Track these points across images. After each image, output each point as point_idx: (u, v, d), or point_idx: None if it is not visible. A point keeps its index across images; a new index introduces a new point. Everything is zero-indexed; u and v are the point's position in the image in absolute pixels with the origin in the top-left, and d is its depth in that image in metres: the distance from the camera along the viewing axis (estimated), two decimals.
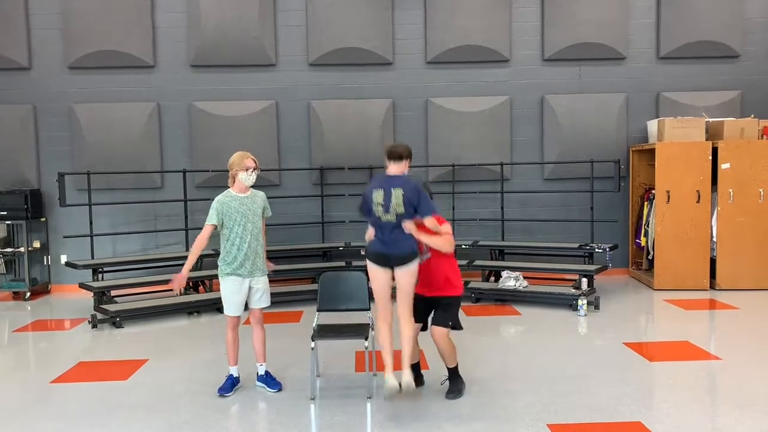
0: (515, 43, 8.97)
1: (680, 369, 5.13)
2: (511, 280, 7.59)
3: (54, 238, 8.74)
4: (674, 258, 7.97)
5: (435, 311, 4.52)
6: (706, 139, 8.05)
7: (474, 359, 5.36)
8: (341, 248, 8.41)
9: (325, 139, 8.81)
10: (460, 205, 8.88)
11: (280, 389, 4.79)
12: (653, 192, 8.24)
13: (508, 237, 8.92)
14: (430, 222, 4.28)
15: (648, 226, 8.46)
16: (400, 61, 8.92)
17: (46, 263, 8.75)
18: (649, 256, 8.55)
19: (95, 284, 7.34)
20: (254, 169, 4.71)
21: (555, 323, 6.65)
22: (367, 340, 4.63)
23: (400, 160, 4.36)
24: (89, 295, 7.46)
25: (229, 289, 4.71)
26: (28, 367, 5.62)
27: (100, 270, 7.70)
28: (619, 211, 9.02)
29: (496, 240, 8.78)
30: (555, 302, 7.35)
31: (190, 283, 7.88)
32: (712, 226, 7.99)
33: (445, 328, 4.48)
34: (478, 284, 7.89)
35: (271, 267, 4.94)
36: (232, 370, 4.82)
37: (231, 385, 4.78)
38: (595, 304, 7.16)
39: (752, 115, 8.49)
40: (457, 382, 4.63)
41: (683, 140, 7.97)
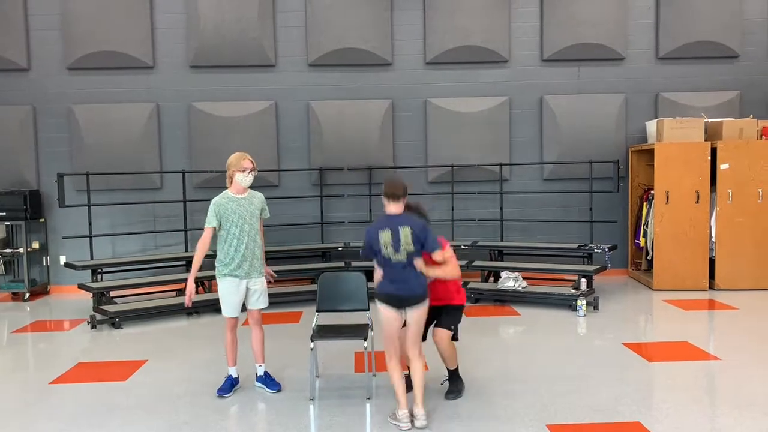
0: (514, 44, 8.97)
1: (679, 369, 5.13)
2: (510, 281, 7.59)
3: (53, 239, 8.73)
4: (673, 258, 7.98)
5: (440, 316, 4.53)
6: (705, 140, 8.06)
7: (473, 360, 5.37)
8: (340, 249, 8.41)
9: (324, 139, 8.81)
10: (459, 206, 8.89)
11: (280, 390, 4.79)
12: (652, 192, 8.24)
13: (508, 237, 8.93)
14: (439, 255, 4.25)
15: (647, 227, 8.47)
16: (400, 61, 8.92)
17: (45, 264, 8.75)
18: (648, 257, 8.56)
19: (94, 285, 7.34)
20: (251, 170, 4.70)
21: (554, 324, 6.65)
22: (366, 340, 4.63)
23: (399, 200, 4.22)
24: (88, 296, 7.47)
25: (227, 290, 4.70)
26: (27, 368, 5.62)
27: (100, 271, 7.71)
28: (618, 211, 9.03)
29: (495, 240, 8.79)
30: (554, 303, 7.36)
31: None
32: (711, 227, 8.00)
33: (449, 331, 4.50)
34: (478, 285, 7.89)
35: (271, 276, 4.93)
36: (231, 371, 4.82)
37: (230, 385, 4.78)
38: (594, 305, 7.17)
39: (751, 116, 8.50)
40: (457, 383, 4.64)
41: (682, 140, 7.98)
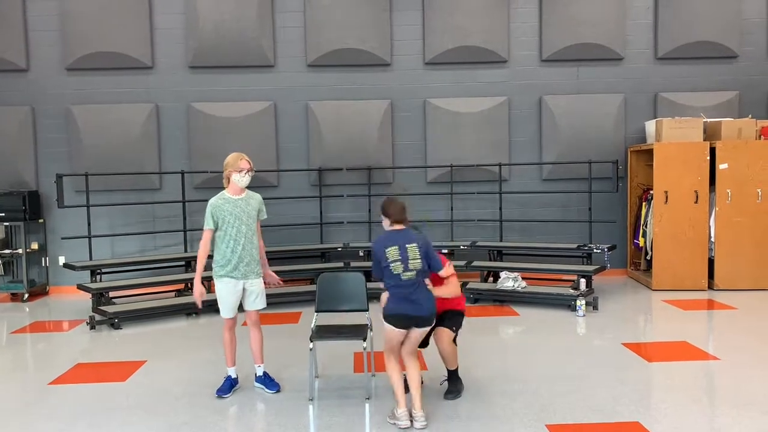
0: (513, 44, 8.98)
1: (678, 369, 5.13)
2: (509, 281, 7.59)
3: (52, 240, 8.73)
4: (672, 258, 7.98)
5: (443, 319, 4.52)
6: (704, 140, 8.07)
7: (472, 360, 5.37)
8: (340, 249, 8.41)
9: (323, 140, 8.81)
10: (459, 206, 8.89)
11: (279, 390, 4.79)
12: (651, 192, 8.25)
13: (507, 237, 8.93)
14: (444, 273, 4.26)
15: (646, 227, 8.47)
16: (399, 62, 8.92)
17: (44, 264, 8.75)
18: (648, 257, 8.56)
19: (93, 285, 7.33)
20: (248, 170, 4.69)
21: (553, 324, 6.65)
22: (365, 341, 4.63)
23: (401, 223, 4.22)
24: (87, 297, 7.47)
25: (224, 291, 4.70)
26: (26, 368, 5.61)
27: (99, 271, 7.70)
28: (618, 211, 9.03)
29: (494, 241, 8.79)
30: (553, 303, 7.36)
31: (189, 284, 7.88)
32: (710, 227, 8.00)
33: (451, 331, 4.51)
34: (477, 285, 7.89)
35: (278, 282, 4.92)
36: (230, 371, 4.82)
37: (229, 386, 4.77)
38: (593, 305, 7.17)
39: (750, 116, 8.51)
40: (457, 383, 4.64)
41: (681, 140, 7.98)
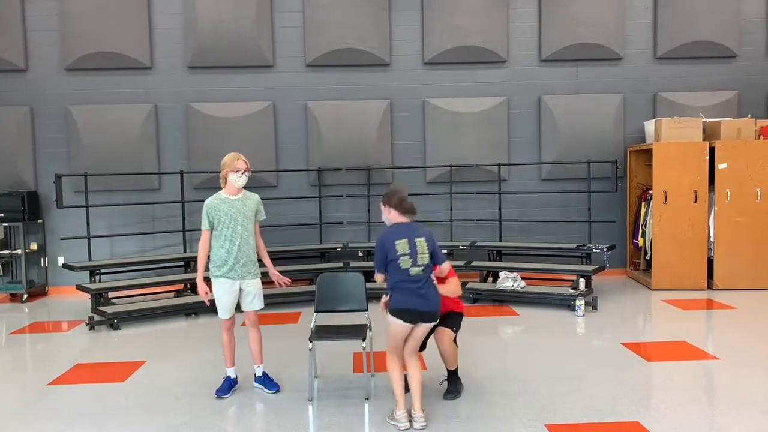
0: (512, 44, 8.98)
1: (678, 369, 5.13)
2: (508, 281, 7.59)
3: (51, 240, 8.72)
4: (672, 258, 7.98)
5: (443, 320, 4.50)
6: (703, 140, 8.07)
7: (472, 360, 5.36)
8: (339, 249, 8.41)
9: (322, 140, 8.81)
10: (458, 206, 8.89)
11: (278, 390, 4.78)
12: (650, 192, 8.25)
13: (506, 237, 8.93)
14: (446, 267, 4.25)
15: (645, 227, 8.47)
16: (398, 62, 8.92)
17: (43, 265, 8.74)
18: (647, 257, 8.56)
19: (92, 286, 7.32)
20: (245, 171, 4.68)
21: (553, 324, 6.65)
22: (364, 341, 4.63)
23: (410, 214, 4.19)
24: (87, 297, 7.47)
25: (220, 292, 4.69)
26: (25, 369, 5.61)
27: (98, 272, 7.69)
28: (617, 211, 9.03)
29: (493, 241, 8.79)
30: (553, 303, 7.36)
31: (188, 285, 7.89)
32: (709, 226, 8.00)
33: (452, 332, 4.51)
34: (476, 285, 7.89)
35: (285, 282, 4.89)
36: (229, 372, 4.82)
37: (228, 386, 4.77)
38: (592, 305, 7.17)
39: (749, 115, 8.51)
40: (456, 383, 4.64)
41: (680, 140, 7.99)
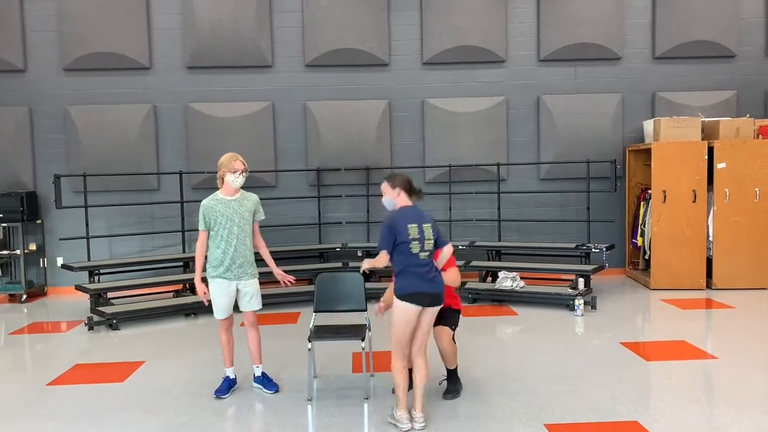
0: (511, 44, 8.98)
1: (677, 368, 5.14)
2: (507, 281, 7.59)
3: (50, 240, 8.72)
4: (671, 258, 7.99)
5: (442, 317, 4.51)
6: (702, 139, 8.07)
7: (471, 359, 5.37)
8: (338, 249, 8.41)
9: (321, 140, 8.81)
10: (457, 206, 8.89)
11: (277, 390, 4.78)
12: (649, 192, 8.25)
13: (505, 237, 8.94)
14: (449, 250, 4.23)
15: (644, 226, 8.48)
16: (397, 62, 8.92)
17: (42, 265, 8.74)
18: (646, 256, 8.57)
19: (91, 286, 7.32)
20: (242, 171, 4.67)
21: (552, 323, 6.65)
22: (364, 341, 4.63)
23: (416, 195, 4.19)
24: (86, 297, 7.46)
25: (216, 292, 4.68)
26: (24, 369, 5.60)
27: (97, 272, 7.68)
28: (616, 211, 9.04)
29: (492, 240, 8.79)
30: (552, 302, 7.36)
31: (187, 285, 7.88)
32: (708, 226, 8.01)
33: (451, 330, 4.52)
34: (475, 285, 7.89)
35: (289, 280, 4.86)
36: (229, 372, 4.82)
37: (228, 386, 4.77)
38: (591, 304, 7.18)
39: (748, 115, 8.51)
40: (455, 383, 4.65)
41: (679, 140, 7.99)
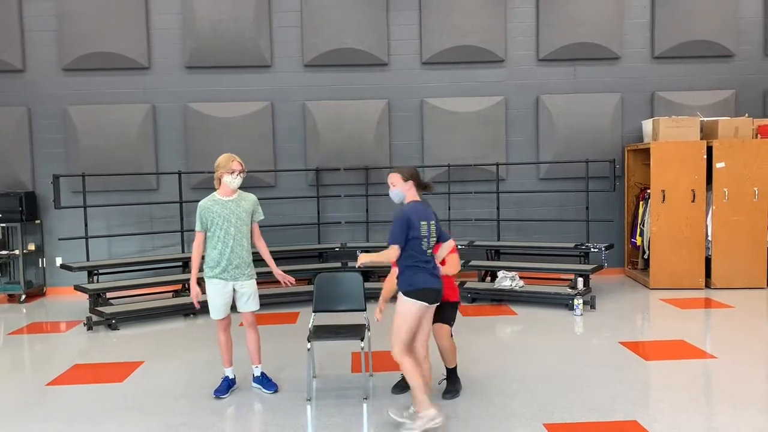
0: (510, 44, 8.98)
1: (676, 368, 5.14)
2: (507, 280, 7.60)
3: (49, 241, 8.71)
4: (670, 257, 7.99)
5: (440, 313, 4.51)
6: (701, 139, 8.08)
7: (470, 359, 5.37)
8: (337, 249, 8.41)
9: (320, 140, 8.81)
10: (456, 206, 8.89)
11: (276, 390, 4.78)
12: (648, 191, 8.26)
13: (504, 237, 8.94)
14: (449, 245, 4.24)
15: (643, 226, 8.48)
16: (396, 61, 8.92)
17: (41, 266, 8.73)
18: (645, 256, 8.57)
19: (91, 286, 7.31)
20: (240, 172, 4.66)
21: (551, 323, 6.66)
22: (363, 340, 4.63)
23: (425, 189, 4.20)
24: (85, 298, 7.46)
25: (212, 292, 4.68)
26: (23, 369, 5.60)
27: (96, 272, 7.68)
28: (615, 210, 9.04)
29: (491, 240, 8.79)
30: (551, 302, 7.37)
31: (186, 285, 7.88)
32: (707, 225, 8.01)
33: (449, 327, 4.52)
34: (474, 284, 7.89)
35: (289, 281, 4.84)
36: (228, 372, 4.82)
37: (227, 386, 4.77)
38: (591, 304, 7.18)
39: (746, 115, 8.52)
40: (455, 383, 4.65)
41: (678, 139, 8.00)
